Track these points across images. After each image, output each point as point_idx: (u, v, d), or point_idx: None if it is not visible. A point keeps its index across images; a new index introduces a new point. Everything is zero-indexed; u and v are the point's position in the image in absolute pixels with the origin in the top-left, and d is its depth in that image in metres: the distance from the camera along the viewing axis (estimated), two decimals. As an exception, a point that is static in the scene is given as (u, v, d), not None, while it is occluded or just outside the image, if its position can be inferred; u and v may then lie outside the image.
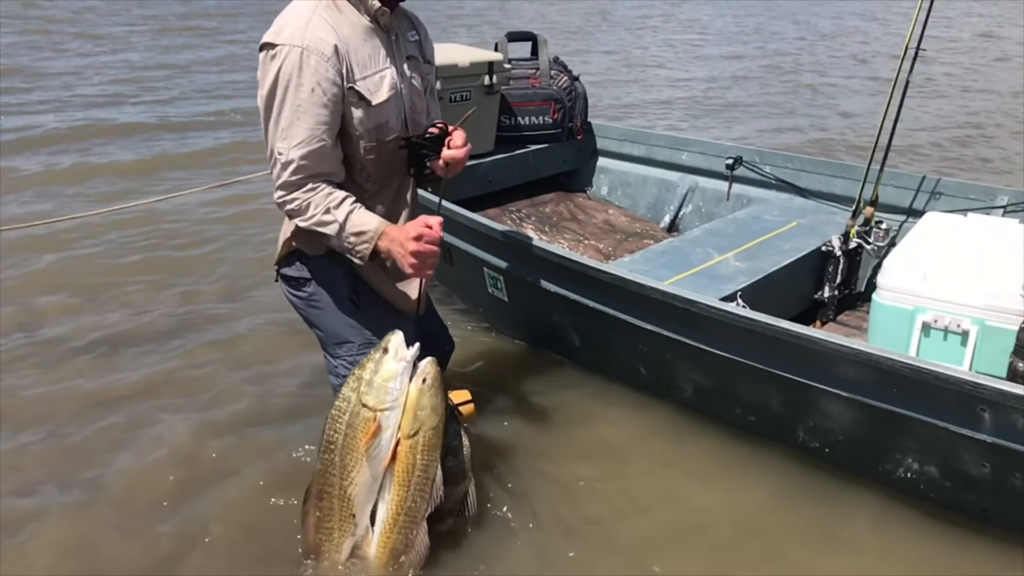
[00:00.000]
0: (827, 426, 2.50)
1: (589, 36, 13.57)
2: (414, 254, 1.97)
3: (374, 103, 2.10)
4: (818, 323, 3.41)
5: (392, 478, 1.98)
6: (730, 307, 2.53)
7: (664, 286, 2.63)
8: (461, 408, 2.28)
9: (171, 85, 8.94)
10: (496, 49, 4.10)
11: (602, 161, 4.53)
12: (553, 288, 2.94)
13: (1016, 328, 2.44)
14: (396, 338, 1.96)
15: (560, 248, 2.99)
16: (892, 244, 3.32)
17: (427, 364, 1.98)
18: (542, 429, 2.87)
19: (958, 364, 2.62)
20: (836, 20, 16.76)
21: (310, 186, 2.03)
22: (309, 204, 2.03)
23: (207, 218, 4.96)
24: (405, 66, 2.22)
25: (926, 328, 2.69)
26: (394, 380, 1.93)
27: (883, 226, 3.38)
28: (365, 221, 2.04)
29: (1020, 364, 2.29)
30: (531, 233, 3.91)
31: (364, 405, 1.92)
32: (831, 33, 14.81)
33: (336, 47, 2.01)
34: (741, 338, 2.49)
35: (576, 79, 4.30)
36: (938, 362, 2.27)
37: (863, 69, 11.11)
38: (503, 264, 3.11)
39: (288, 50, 1.97)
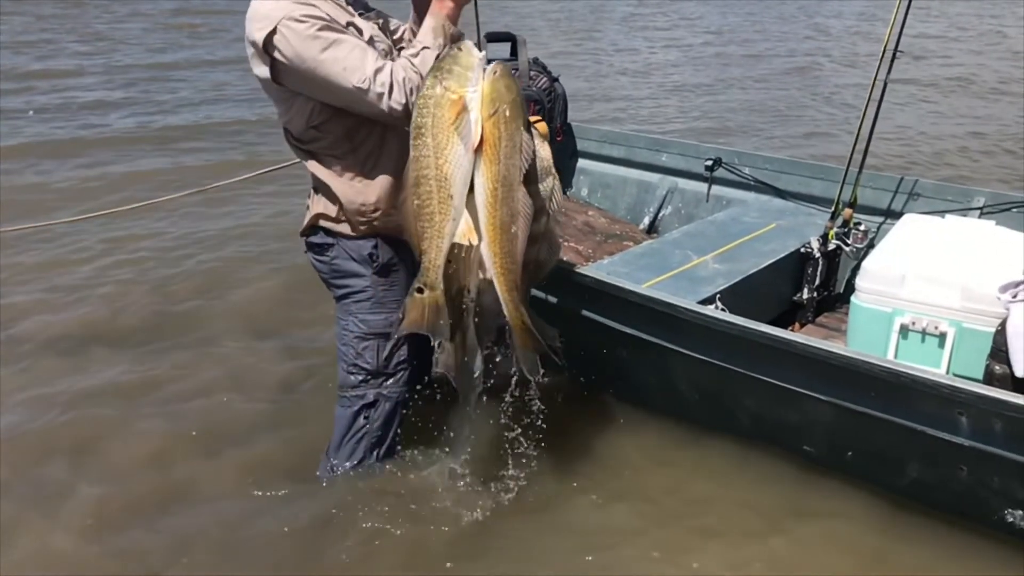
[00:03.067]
0: (806, 428, 2.49)
1: (569, 36, 13.59)
2: None
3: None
4: (797, 325, 3.41)
5: (483, 158, 2.03)
6: (708, 310, 2.52)
7: (642, 289, 2.62)
8: (535, 124, 2.32)
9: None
10: (475, 50, 4.06)
11: (582, 163, 4.51)
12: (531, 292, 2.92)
13: (993, 330, 2.45)
14: (468, 42, 2.09)
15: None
16: (871, 246, 3.32)
17: (494, 63, 2.06)
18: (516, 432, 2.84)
19: (936, 366, 2.63)
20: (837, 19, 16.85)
21: (388, 70, 2.15)
22: (402, 78, 2.16)
23: (187, 225, 4.94)
24: None
25: (904, 330, 2.69)
26: (471, 69, 2.02)
27: (862, 228, 3.38)
28: (420, 37, 2.25)
29: (996, 367, 2.30)
30: (511, 235, 3.88)
31: (447, 89, 2.00)
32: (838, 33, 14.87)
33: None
34: (719, 341, 2.47)
35: (556, 80, 4.28)
36: (916, 365, 2.27)
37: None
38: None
39: (282, 22, 2.09)
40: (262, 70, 2.20)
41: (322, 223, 2.40)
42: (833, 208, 3.40)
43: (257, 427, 2.92)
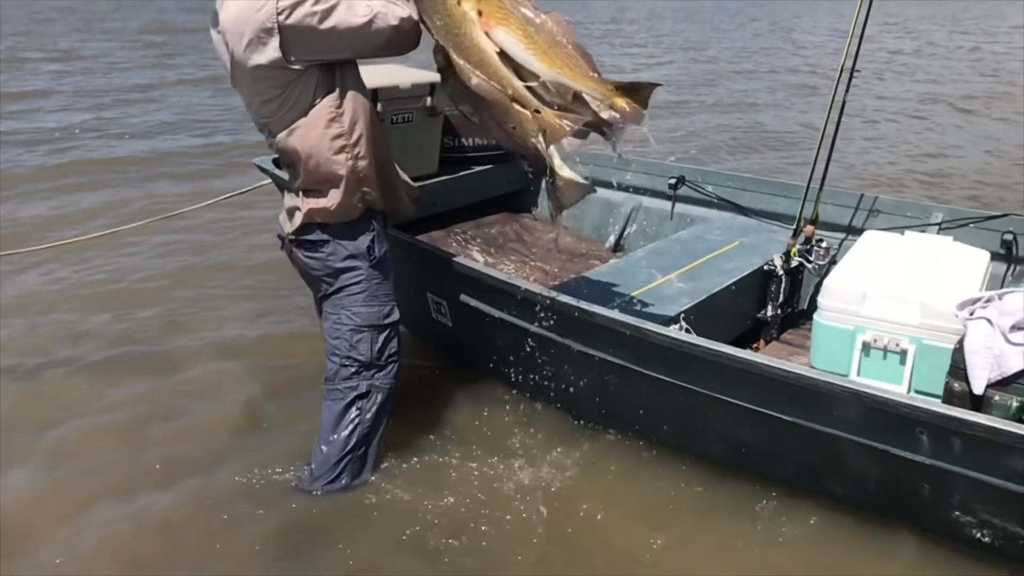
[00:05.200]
0: (771, 448, 2.49)
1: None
2: None
3: None
4: (762, 342, 3.43)
5: (499, 26, 2.22)
6: (670, 332, 2.52)
7: (605, 311, 2.61)
8: None
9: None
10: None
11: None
12: (497, 313, 2.90)
13: (952, 347, 2.47)
14: None
15: (502, 273, 2.95)
16: (833, 262, 3.36)
17: None
18: (483, 453, 2.84)
19: (898, 383, 2.65)
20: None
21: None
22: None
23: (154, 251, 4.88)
24: None
25: (866, 347, 2.71)
26: None
27: (823, 244, 3.41)
28: None
29: (956, 384, 2.32)
30: (476, 255, 3.87)
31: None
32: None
33: None
34: (683, 363, 2.47)
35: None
36: (876, 384, 2.29)
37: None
38: (446, 289, 3.06)
39: None
40: (269, 52, 2.23)
41: (318, 219, 2.48)
42: (795, 225, 3.43)
43: (227, 449, 2.90)
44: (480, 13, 2.22)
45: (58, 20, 15.06)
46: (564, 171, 2.44)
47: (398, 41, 2.33)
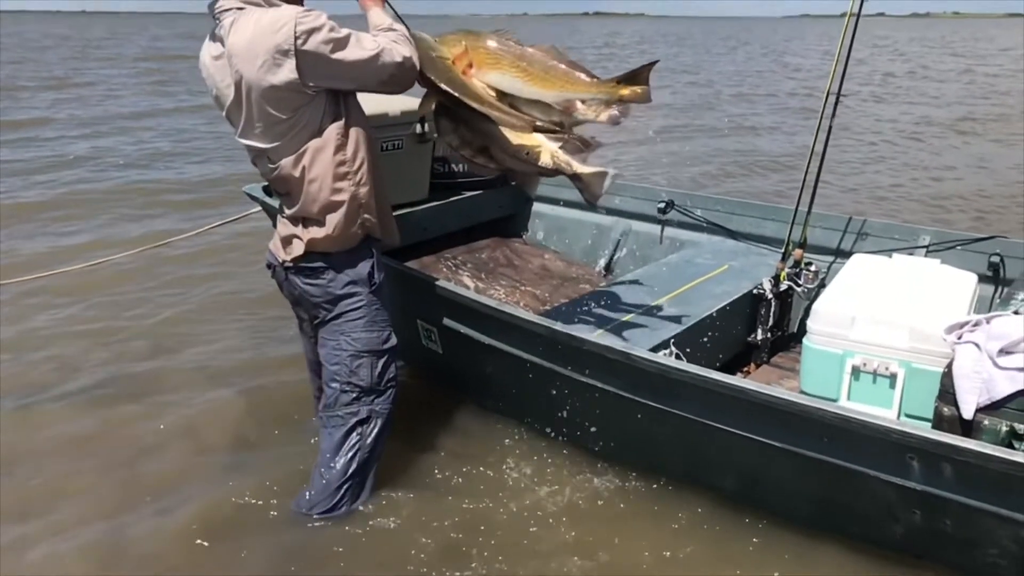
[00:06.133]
0: (761, 475, 2.48)
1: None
2: None
3: None
4: (753, 366, 3.42)
5: (490, 69, 2.50)
6: (659, 358, 2.50)
7: (594, 337, 2.60)
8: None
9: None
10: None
11: (537, 206, 4.52)
12: (487, 340, 2.89)
13: (941, 370, 2.47)
14: (419, 33, 2.56)
15: (493, 299, 2.95)
16: (822, 285, 3.36)
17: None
18: (476, 480, 2.83)
19: (888, 407, 2.65)
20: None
21: (380, 37, 2.43)
22: (393, 39, 2.44)
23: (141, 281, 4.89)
24: None
25: (856, 371, 2.71)
26: (433, 45, 2.55)
27: (812, 268, 3.42)
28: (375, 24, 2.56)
29: (945, 409, 2.30)
30: (467, 281, 3.86)
31: (441, 55, 2.52)
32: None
33: None
34: (672, 389, 2.46)
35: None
36: (867, 409, 2.28)
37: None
38: (436, 316, 3.06)
39: (297, 20, 2.25)
40: (284, 73, 2.27)
41: (319, 249, 2.50)
42: (784, 249, 3.44)
43: (220, 475, 2.90)
44: (471, 65, 2.50)
45: (53, 48, 15.17)
46: (584, 169, 2.71)
47: (400, 78, 2.43)
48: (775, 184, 7.47)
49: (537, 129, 2.58)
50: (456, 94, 2.48)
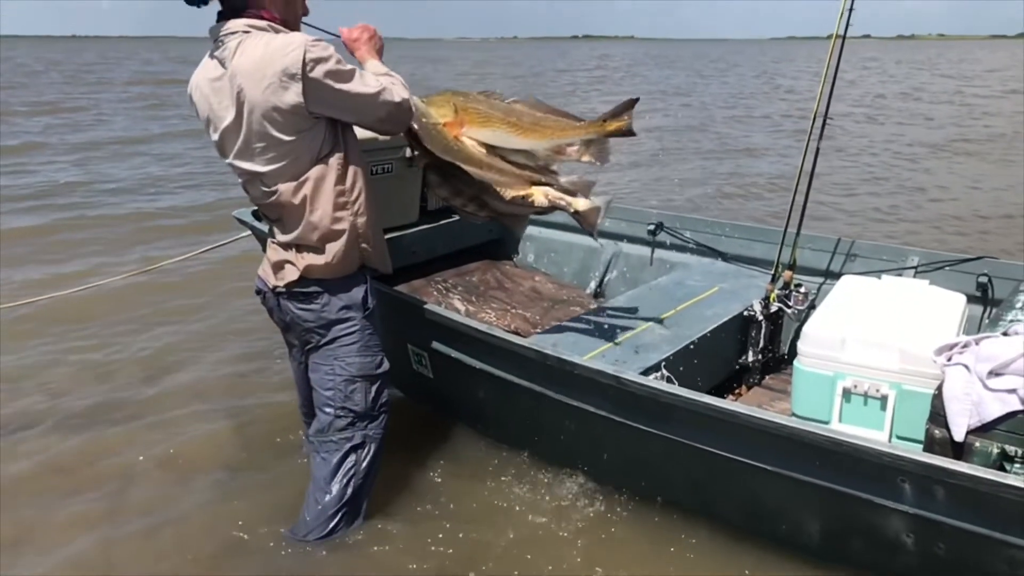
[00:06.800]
0: (754, 500, 2.46)
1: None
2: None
3: None
4: (744, 388, 3.41)
5: (480, 126, 2.68)
6: (649, 381, 2.49)
7: (585, 361, 2.59)
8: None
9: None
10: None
11: (528, 229, 4.51)
12: (477, 364, 2.88)
13: (931, 392, 2.46)
14: (414, 98, 2.59)
15: (483, 323, 2.94)
16: (812, 307, 3.36)
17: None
18: (468, 504, 2.81)
19: (879, 429, 2.64)
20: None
21: (391, 81, 2.52)
22: (391, 82, 2.50)
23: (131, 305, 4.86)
24: None
25: (847, 393, 2.70)
26: (427, 113, 2.67)
27: (802, 289, 3.42)
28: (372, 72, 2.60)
29: (936, 431, 2.29)
30: (457, 304, 3.85)
31: (435, 122, 2.67)
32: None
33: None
34: (664, 412, 2.45)
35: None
36: (858, 431, 2.27)
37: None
38: (426, 340, 3.04)
39: (307, 47, 2.28)
40: (290, 96, 2.29)
41: (316, 276, 2.50)
42: (774, 270, 3.44)
43: (212, 502, 2.88)
44: (461, 124, 2.67)
45: (44, 72, 15.20)
46: (580, 203, 2.87)
47: (397, 117, 2.49)
48: (771, 205, 7.50)
49: (535, 183, 2.77)
50: (457, 163, 2.66)
